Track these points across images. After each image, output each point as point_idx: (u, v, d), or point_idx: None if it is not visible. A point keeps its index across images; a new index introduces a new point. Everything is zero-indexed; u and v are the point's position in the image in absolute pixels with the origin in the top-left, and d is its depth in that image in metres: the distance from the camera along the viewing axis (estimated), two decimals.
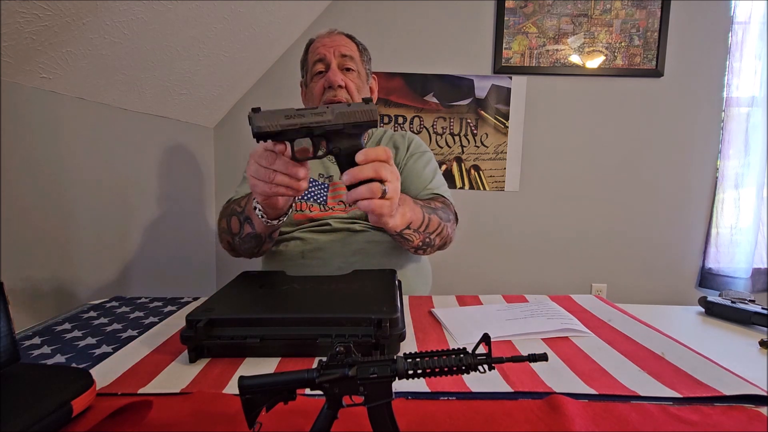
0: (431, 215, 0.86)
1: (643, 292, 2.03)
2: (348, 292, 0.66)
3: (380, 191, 0.61)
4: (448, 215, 0.93)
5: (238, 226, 0.85)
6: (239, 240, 0.88)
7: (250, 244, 0.88)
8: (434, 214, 0.87)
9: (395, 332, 0.54)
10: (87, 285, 1.17)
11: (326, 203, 0.99)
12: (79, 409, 0.41)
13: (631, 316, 0.72)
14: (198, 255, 1.85)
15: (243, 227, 0.84)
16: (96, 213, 1.20)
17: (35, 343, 0.61)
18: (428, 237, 0.87)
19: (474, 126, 1.97)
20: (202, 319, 0.54)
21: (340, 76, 0.96)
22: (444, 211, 0.92)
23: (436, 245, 0.92)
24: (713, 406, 0.45)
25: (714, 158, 1.96)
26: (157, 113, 1.48)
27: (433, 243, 0.90)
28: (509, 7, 1.89)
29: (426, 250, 0.92)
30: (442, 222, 0.89)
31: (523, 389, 0.47)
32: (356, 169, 0.61)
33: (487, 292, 1.06)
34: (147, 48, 1.20)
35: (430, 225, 0.85)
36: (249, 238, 0.85)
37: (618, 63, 1.91)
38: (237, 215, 0.85)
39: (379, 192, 0.61)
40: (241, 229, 0.85)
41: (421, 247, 0.89)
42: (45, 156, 1.03)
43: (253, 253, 0.93)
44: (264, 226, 0.79)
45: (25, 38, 0.89)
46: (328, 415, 0.36)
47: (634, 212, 2.00)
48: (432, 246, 0.91)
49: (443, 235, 0.91)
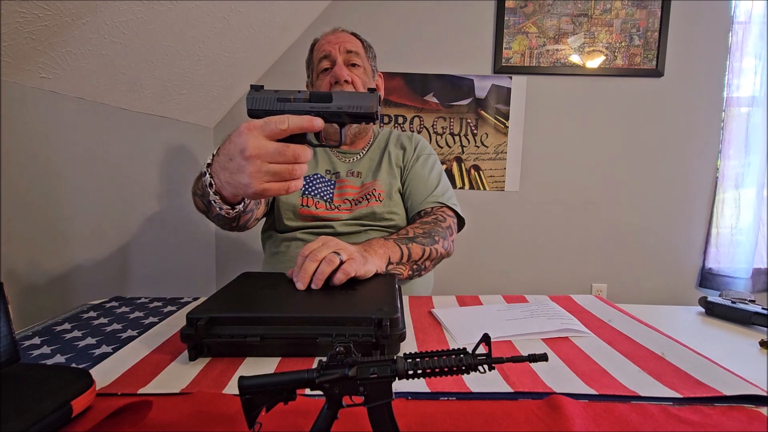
0: (409, 245, 0.86)
1: (643, 292, 2.03)
2: (348, 292, 0.66)
3: (337, 259, 0.65)
4: (433, 237, 0.91)
5: (204, 207, 0.79)
6: (211, 218, 0.82)
7: (222, 222, 0.82)
8: (412, 243, 0.87)
9: (395, 332, 0.54)
10: (87, 285, 1.17)
11: (332, 200, 0.99)
12: (79, 409, 0.41)
13: (631, 316, 0.72)
14: (198, 255, 1.85)
15: (210, 209, 0.74)
16: (96, 213, 1.20)
17: (35, 343, 0.61)
18: (415, 264, 0.88)
19: (474, 126, 1.97)
20: (202, 318, 0.54)
21: (346, 71, 0.96)
22: (428, 235, 0.91)
23: (430, 267, 0.94)
24: (713, 406, 0.45)
25: (714, 158, 1.96)
26: (157, 113, 1.48)
27: (425, 267, 0.92)
28: (509, 7, 1.89)
29: (421, 274, 0.93)
30: (426, 246, 0.89)
31: (523, 389, 0.47)
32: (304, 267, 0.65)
33: (487, 292, 1.06)
34: (147, 48, 1.20)
35: (412, 255, 0.86)
36: (218, 218, 0.78)
37: (618, 63, 1.91)
38: (199, 197, 0.78)
39: (336, 260, 0.65)
40: (208, 210, 0.78)
41: (413, 276, 0.90)
42: (45, 156, 1.03)
43: (232, 228, 0.86)
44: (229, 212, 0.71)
45: (25, 38, 0.89)
46: (328, 415, 0.36)
47: (634, 212, 2.00)
48: (426, 269, 0.93)
49: (434, 257, 0.92)
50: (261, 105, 0.62)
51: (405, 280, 0.95)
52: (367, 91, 0.65)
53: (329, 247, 0.67)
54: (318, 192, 0.99)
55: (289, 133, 0.58)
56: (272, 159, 0.57)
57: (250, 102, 0.63)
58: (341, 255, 0.66)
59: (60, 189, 1.08)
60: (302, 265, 0.65)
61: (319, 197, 0.99)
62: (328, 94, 0.63)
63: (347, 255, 0.67)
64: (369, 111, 0.63)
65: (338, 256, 0.66)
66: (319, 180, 1.00)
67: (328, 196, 0.99)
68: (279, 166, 0.58)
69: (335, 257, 0.65)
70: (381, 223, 0.98)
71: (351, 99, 0.63)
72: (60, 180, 1.07)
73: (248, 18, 1.48)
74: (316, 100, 0.62)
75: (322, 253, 0.66)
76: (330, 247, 0.67)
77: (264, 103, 0.62)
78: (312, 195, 0.99)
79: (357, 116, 0.64)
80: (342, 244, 0.69)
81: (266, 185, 0.58)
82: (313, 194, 0.99)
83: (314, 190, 0.99)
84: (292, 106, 0.62)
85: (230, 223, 0.82)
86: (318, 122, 0.60)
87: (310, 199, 0.98)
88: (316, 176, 1.01)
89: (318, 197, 0.99)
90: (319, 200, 0.98)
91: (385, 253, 0.80)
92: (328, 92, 0.63)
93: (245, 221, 0.86)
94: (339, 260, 0.65)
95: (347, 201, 0.99)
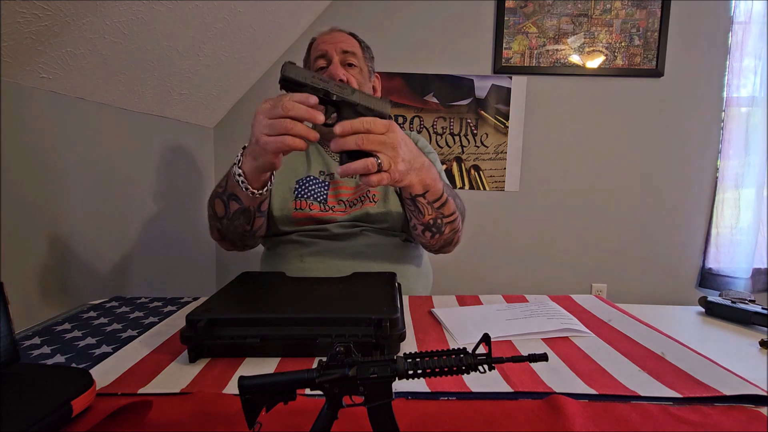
0: (449, 196, 0.83)
1: (643, 292, 2.03)
2: (348, 292, 0.66)
3: (375, 166, 0.62)
4: (462, 208, 0.91)
5: (223, 208, 0.83)
6: (227, 221, 0.84)
7: (239, 221, 0.84)
8: (452, 198, 0.85)
9: (395, 332, 0.54)
10: (87, 285, 1.17)
11: (326, 202, 0.99)
12: (79, 409, 0.41)
13: (631, 316, 0.72)
14: (198, 255, 1.85)
15: (228, 206, 0.81)
16: (96, 213, 1.20)
17: (35, 343, 0.61)
18: (440, 218, 0.84)
19: (474, 126, 1.97)
20: (202, 319, 0.54)
21: (342, 71, 0.95)
22: (461, 201, 0.91)
23: (445, 235, 0.88)
24: (713, 406, 0.45)
25: (714, 158, 1.96)
26: (157, 113, 1.48)
27: (443, 230, 0.86)
28: (509, 7, 1.89)
29: (434, 235, 0.87)
30: (457, 211, 0.87)
31: (523, 389, 0.47)
32: (342, 139, 0.63)
33: (487, 292, 1.06)
34: (147, 48, 1.20)
35: (446, 206, 0.83)
36: (237, 214, 0.82)
37: (618, 63, 1.91)
38: (219, 196, 0.83)
39: (374, 166, 0.62)
40: (227, 209, 0.82)
41: (430, 227, 0.85)
42: (45, 156, 1.03)
43: (245, 234, 0.88)
44: (250, 198, 0.77)
45: (25, 38, 0.89)
46: (328, 415, 0.36)
47: (634, 212, 2.00)
48: (441, 233, 0.87)
49: (454, 226, 0.88)
50: (295, 74, 0.65)
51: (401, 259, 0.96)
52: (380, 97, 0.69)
53: (371, 140, 0.63)
54: (311, 194, 0.99)
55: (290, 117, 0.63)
56: (268, 114, 0.64)
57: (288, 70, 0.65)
58: (381, 161, 0.64)
59: (60, 189, 1.08)
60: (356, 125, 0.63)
61: (312, 199, 0.98)
62: (351, 88, 0.67)
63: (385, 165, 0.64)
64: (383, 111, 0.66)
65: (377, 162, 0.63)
66: (313, 182, 1.00)
67: (321, 197, 0.98)
68: (274, 120, 0.63)
69: (374, 164, 0.63)
70: (375, 225, 0.97)
71: (369, 100, 0.67)
72: (60, 180, 1.07)
73: (248, 18, 1.48)
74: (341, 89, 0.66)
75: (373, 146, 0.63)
76: (372, 140, 0.63)
77: (298, 74, 0.65)
78: (305, 198, 0.98)
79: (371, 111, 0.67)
80: (394, 141, 0.65)
81: (265, 138, 0.65)
82: (306, 196, 0.98)
83: (307, 192, 0.99)
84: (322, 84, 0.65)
85: (252, 219, 0.85)
86: (320, 117, 0.64)
87: (303, 201, 0.97)
88: (309, 178, 1.00)
89: (311, 199, 0.98)
90: (312, 201, 0.98)
91: (429, 184, 0.77)
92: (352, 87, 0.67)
93: (259, 226, 0.89)
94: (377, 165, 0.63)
95: (341, 202, 0.98)
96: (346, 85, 0.66)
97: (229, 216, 0.83)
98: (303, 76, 0.65)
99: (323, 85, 0.65)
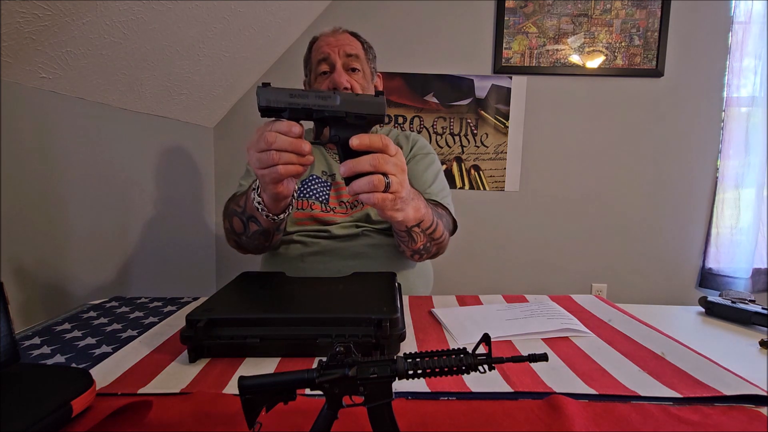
0: (438, 221, 0.84)
1: (643, 292, 2.03)
2: (348, 292, 0.66)
3: (383, 184, 0.58)
4: (448, 225, 0.92)
5: (241, 226, 0.84)
6: (246, 239, 0.86)
7: (258, 240, 0.86)
8: (440, 220, 0.86)
9: (395, 332, 0.54)
10: (87, 285, 1.17)
11: (328, 202, 0.99)
12: (79, 409, 0.41)
13: (631, 316, 0.72)
14: (198, 255, 1.85)
15: (248, 226, 0.82)
16: (96, 213, 1.20)
17: (35, 343, 0.61)
18: (429, 242, 0.85)
19: (474, 126, 1.97)
20: (202, 319, 0.54)
21: (345, 78, 0.94)
22: (446, 220, 0.91)
23: (432, 253, 0.91)
24: (713, 406, 0.45)
25: (714, 158, 1.96)
26: (157, 113, 1.48)
27: (430, 251, 0.89)
28: (509, 7, 1.89)
29: (422, 256, 0.90)
30: (444, 232, 0.88)
31: (523, 389, 0.47)
32: (353, 161, 0.58)
33: (487, 292, 1.06)
34: (147, 48, 1.20)
35: (436, 231, 0.84)
36: (257, 235, 0.84)
37: (618, 63, 1.91)
38: (238, 216, 0.83)
39: (382, 185, 0.58)
40: (245, 228, 0.83)
41: (419, 251, 0.87)
42: (45, 156, 1.03)
43: (263, 247, 0.91)
44: (270, 222, 0.78)
45: (25, 38, 0.89)
46: (328, 415, 0.36)
47: (634, 212, 2.00)
48: (428, 253, 0.90)
49: (441, 245, 0.90)
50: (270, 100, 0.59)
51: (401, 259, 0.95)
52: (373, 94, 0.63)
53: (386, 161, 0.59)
54: (313, 193, 0.99)
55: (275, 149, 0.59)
56: (255, 148, 0.61)
57: (262, 98, 0.59)
58: (390, 182, 0.60)
59: (60, 189, 1.08)
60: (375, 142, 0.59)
61: (314, 198, 0.98)
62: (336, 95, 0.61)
63: (394, 186, 0.60)
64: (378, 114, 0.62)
65: (386, 181, 0.59)
66: (315, 181, 1.00)
67: (323, 198, 0.98)
68: (261, 154, 0.60)
69: (382, 182, 0.59)
70: (376, 226, 0.97)
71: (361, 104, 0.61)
72: (60, 180, 1.07)
73: (248, 18, 1.48)
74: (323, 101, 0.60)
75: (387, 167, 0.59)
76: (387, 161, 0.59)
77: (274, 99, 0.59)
78: (307, 197, 0.98)
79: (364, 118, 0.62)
80: (401, 164, 0.62)
81: (259, 171, 0.63)
82: (308, 196, 0.98)
83: (309, 191, 0.99)
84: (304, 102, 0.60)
85: (271, 237, 0.86)
86: (305, 147, 0.60)
87: (305, 201, 0.98)
88: (312, 177, 1.00)
89: (313, 198, 0.98)
90: (314, 201, 0.98)
91: (423, 214, 0.76)
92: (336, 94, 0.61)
93: (277, 240, 0.90)
94: (385, 185, 0.59)
95: (343, 203, 0.99)
96: (330, 93, 0.60)
97: (248, 235, 0.85)
98: (279, 100, 0.59)
99: (303, 104, 0.59)
